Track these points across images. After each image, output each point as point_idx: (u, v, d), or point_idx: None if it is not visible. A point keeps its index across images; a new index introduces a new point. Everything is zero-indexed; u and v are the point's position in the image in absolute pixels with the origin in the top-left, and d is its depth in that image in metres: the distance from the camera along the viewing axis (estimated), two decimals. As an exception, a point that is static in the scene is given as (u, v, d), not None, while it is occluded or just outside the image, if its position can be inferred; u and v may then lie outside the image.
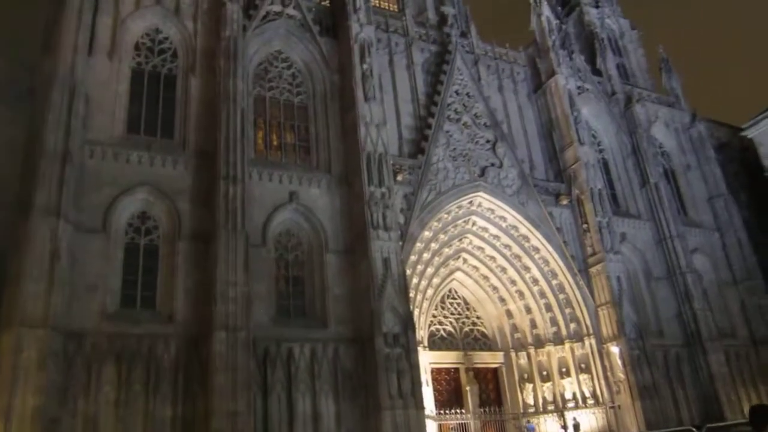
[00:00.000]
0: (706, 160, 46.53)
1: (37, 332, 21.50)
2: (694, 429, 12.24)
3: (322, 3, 38.15)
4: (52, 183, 23.81)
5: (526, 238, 36.63)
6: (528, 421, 35.09)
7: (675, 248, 39.97)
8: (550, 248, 36.30)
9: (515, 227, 36.52)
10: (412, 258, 32.35)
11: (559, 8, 49.99)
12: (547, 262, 36.62)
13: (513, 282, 37.70)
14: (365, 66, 32.95)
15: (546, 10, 43.21)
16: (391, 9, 41.75)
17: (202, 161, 28.13)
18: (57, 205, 23.49)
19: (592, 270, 36.43)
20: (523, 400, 36.46)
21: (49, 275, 22.28)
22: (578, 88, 42.46)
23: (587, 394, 34.80)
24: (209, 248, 26.00)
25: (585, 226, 37.48)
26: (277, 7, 33.87)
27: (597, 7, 50.85)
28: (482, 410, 34.35)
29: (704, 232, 43.80)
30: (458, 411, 33.11)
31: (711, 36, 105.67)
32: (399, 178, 32.50)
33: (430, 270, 35.19)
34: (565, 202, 38.17)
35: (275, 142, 32.11)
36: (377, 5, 40.14)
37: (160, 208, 27.22)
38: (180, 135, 28.96)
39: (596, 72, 45.72)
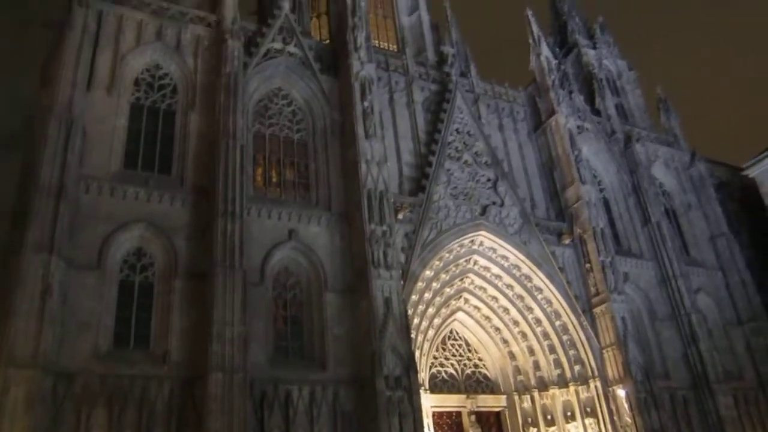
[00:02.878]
0: (706, 200, 46.21)
1: (25, 372, 20.73)
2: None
3: (323, 41, 38.35)
4: (46, 218, 23.35)
5: (529, 278, 35.98)
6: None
7: (679, 288, 39.32)
8: (553, 288, 35.62)
9: (517, 266, 35.90)
10: (414, 297, 31.64)
11: (558, 48, 50.27)
12: (550, 303, 35.89)
13: (515, 323, 36.87)
14: (366, 103, 32.79)
15: (545, 50, 43.43)
16: (391, 49, 41.80)
17: (199, 198, 27.71)
18: (50, 240, 22.97)
19: (596, 310, 35.66)
20: (527, 445, 35.33)
21: (39, 312, 21.59)
22: (578, 127, 42.31)
23: (593, 440, 33.73)
24: (206, 286, 25.33)
25: (588, 265, 36.92)
26: (278, 45, 33.83)
27: (595, 48, 51.07)
28: (485, 456, 33.25)
29: (707, 271, 43.20)
30: (461, 457, 32.01)
31: (706, 76, 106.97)
32: (400, 216, 31.99)
33: (431, 310, 34.39)
34: (567, 241, 37.66)
35: (275, 179, 31.71)
36: (378, 45, 40.14)
37: (156, 244, 26.64)
38: (178, 171, 28.59)
39: (595, 112, 45.71)
